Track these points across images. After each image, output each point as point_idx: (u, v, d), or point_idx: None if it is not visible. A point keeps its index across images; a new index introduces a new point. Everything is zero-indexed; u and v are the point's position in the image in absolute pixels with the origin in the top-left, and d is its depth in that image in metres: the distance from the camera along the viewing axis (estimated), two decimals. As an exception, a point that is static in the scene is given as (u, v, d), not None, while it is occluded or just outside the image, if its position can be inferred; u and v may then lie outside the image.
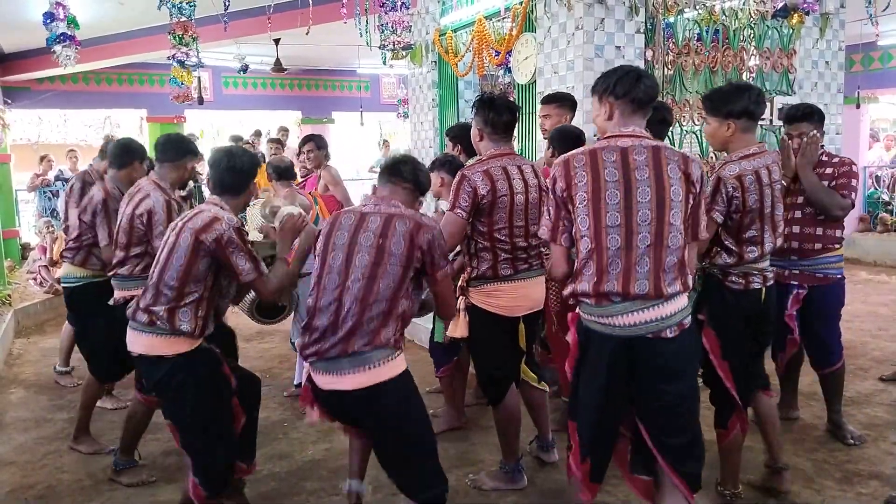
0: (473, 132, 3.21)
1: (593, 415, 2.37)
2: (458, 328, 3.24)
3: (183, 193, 5.08)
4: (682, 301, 2.29)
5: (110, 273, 3.57)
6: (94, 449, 3.85)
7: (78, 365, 5.24)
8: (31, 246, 9.07)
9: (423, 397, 4.49)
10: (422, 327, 4.94)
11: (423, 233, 2.48)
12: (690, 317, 2.33)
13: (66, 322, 4.94)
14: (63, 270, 4.20)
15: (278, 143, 8.00)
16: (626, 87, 2.30)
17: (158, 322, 2.68)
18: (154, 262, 2.81)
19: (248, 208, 3.63)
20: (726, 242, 2.89)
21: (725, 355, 2.92)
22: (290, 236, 2.99)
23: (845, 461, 3.52)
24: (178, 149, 3.55)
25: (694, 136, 5.17)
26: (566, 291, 2.38)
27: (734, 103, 2.85)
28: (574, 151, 2.36)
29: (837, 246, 3.60)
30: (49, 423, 4.32)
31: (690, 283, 2.30)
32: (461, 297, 3.24)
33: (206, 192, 7.58)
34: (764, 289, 2.94)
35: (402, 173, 2.66)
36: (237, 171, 2.83)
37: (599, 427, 2.39)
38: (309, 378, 2.56)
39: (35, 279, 7.50)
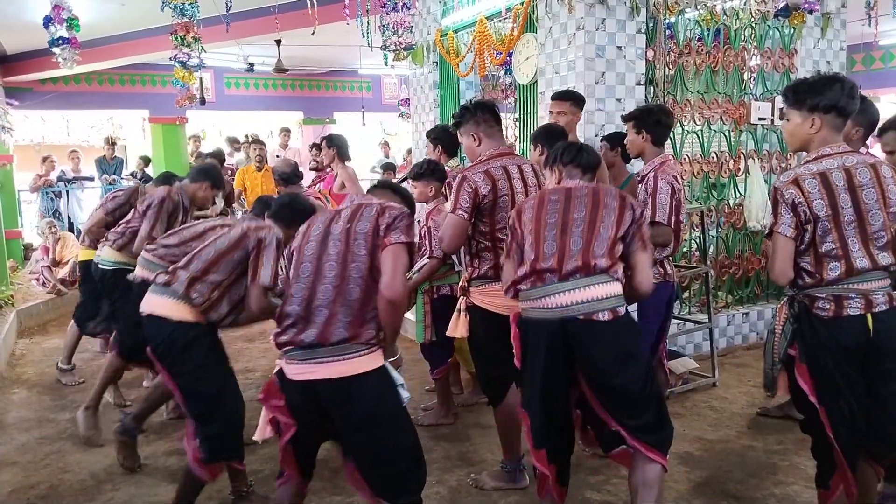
0: (468, 142, 3.20)
1: (538, 403, 2.54)
2: (459, 328, 3.26)
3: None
4: (615, 288, 2.47)
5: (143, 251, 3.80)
6: (91, 433, 3.89)
7: (81, 366, 5.26)
8: (34, 246, 9.07)
9: (422, 395, 4.54)
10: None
11: (389, 210, 2.48)
12: (625, 309, 2.48)
13: (72, 321, 4.96)
14: (101, 252, 4.44)
15: (261, 144, 7.93)
16: (570, 156, 2.73)
17: (175, 284, 2.92)
18: (201, 241, 3.15)
19: None
20: (803, 263, 2.46)
21: (821, 399, 2.47)
22: None
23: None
24: (199, 172, 4.35)
25: (695, 136, 5.17)
26: (505, 287, 2.62)
27: (824, 95, 2.40)
28: (527, 199, 2.78)
29: None
30: (51, 424, 4.32)
31: (618, 271, 2.48)
32: (461, 298, 3.27)
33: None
34: (869, 315, 2.41)
35: (399, 191, 2.85)
36: (295, 211, 3.10)
37: (547, 413, 2.54)
38: (279, 372, 2.47)
39: (37, 280, 7.51)
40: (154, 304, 2.99)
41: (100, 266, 4.42)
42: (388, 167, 8.45)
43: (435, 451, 3.77)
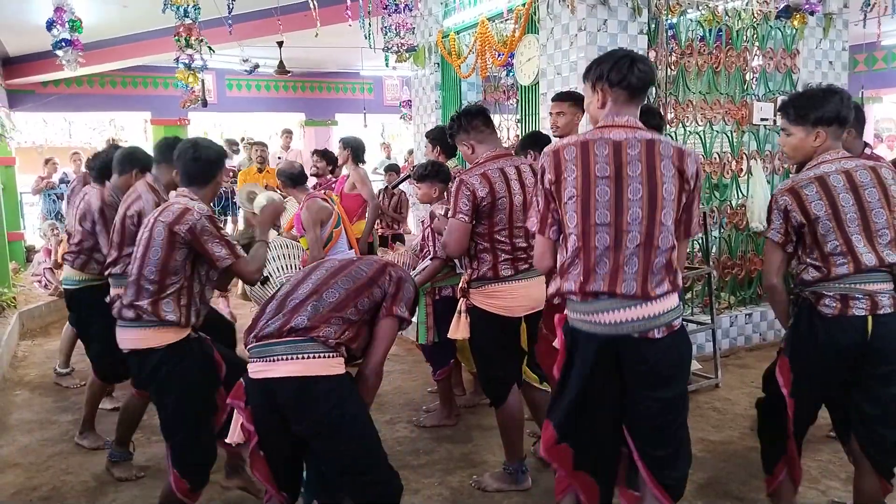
0: (464, 151, 3.21)
1: (574, 407, 2.27)
2: (460, 330, 3.25)
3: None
4: (672, 301, 2.19)
5: (106, 273, 3.62)
6: (98, 444, 3.88)
7: (81, 367, 5.26)
8: (36, 248, 9.09)
9: (424, 397, 4.53)
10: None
11: (398, 269, 2.61)
12: (681, 319, 2.24)
13: (68, 323, 4.96)
14: (64, 273, 4.26)
15: (262, 146, 7.96)
16: (621, 74, 2.19)
17: (144, 315, 2.74)
18: (132, 259, 2.86)
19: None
20: (810, 260, 2.51)
21: (794, 393, 2.55)
22: (269, 220, 3.09)
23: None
24: (170, 150, 3.41)
25: (698, 136, 5.17)
26: (551, 290, 2.29)
27: (825, 108, 2.47)
28: (564, 142, 2.24)
29: None
30: (54, 425, 4.33)
31: (680, 282, 2.22)
32: (461, 299, 3.26)
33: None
34: (870, 318, 2.42)
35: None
36: (203, 161, 2.86)
37: (581, 418, 2.28)
38: (245, 374, 2.46)
39: (40, 282, 7.51)
40: (133, 338, 2.80)
41: (65, 287, 4.22)
42: (392, 168, 8.45)
43: (437, 452, 3.77)
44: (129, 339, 2.82)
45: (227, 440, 2.53)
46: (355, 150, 5.46)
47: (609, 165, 2.15)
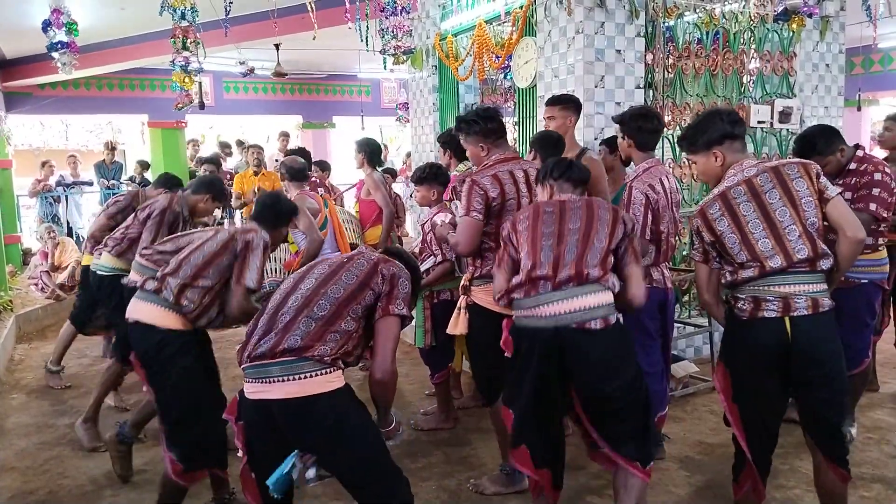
0: (474, 150, 3.26)
1: (524, 403, 2.62)
2: (459, 326, 3.32)
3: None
4: (607, 297, 2.54)
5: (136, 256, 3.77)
6: (94, 445, 3.87)
7: (76, 371, 5.25)
8: (33, 251, 9.07)
9: (422, 400, 4.53)
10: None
11: (393, 266, 2.52)
12: (616, 317, 2.56)
13: (67, 322, 4.95)
14: (101, 259, 4.41)
15: (259, 149, 7.98)
16: (560, 171, 2.83)
17: (164, 291, 2.89)
18: (187, 246, 3.08)
19: None
20: (727, 265, 2.62)
21: (736, 398, 2.62)
22: None
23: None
24: (202, 185, 4.33)
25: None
26: (498, 296, 2.70)
27: (709, 131, 2.65)
28: (520, 211, 2.87)
29: (866, 251, 3.33)
30: (50, 429, 4.31)
31: (614, 283, 2.56)
32: (462, 296, 3.32)
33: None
34: (787, 319, 2.45)
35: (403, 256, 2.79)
36: (279, 212, 3.21)
37: (530, 413, 2.63)
38: (241, 391, 2.43)
39: (36, 285, 7.49)
40: (142, 310, 2.96)
41: (97, 272, 4.40)
42: (387, 171, 8.44)
43: (435, 455, 3.76)
44: (138, 310, 2.97)
45: (236, 442, 2.50)
46: (371, 154, 5.35)
47: (554, 206, 2.73)
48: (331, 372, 2.33)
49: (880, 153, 4.58)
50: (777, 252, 2.46)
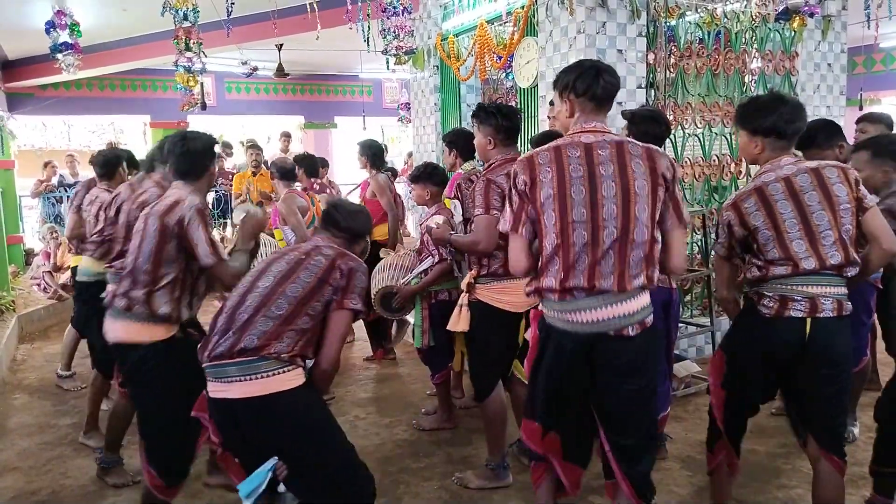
0: (482, 141, 3.26)
1: (553, 403, 2.37)
2: (460, 322, 3.33)
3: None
4: (645, 299, 2.28)
5: (108, 266, 3.60)
6: (102, 444, 3.85)
7: (82, 371, 5.25)
8: (35, 252, 9.08)
9: (423, 399, 4.52)
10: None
11: (349, 261, 2.47)
12: (652, 316, 2.31)
13: (70, 326, 4.95)
14: (84, 263, 4.23)
15: (258, 150, 8.00)
16: (586, 85, 2.28)
17: (136, 306, 2.72)
18: (129, 252, 2.86)
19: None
20: (755, 260, 2.59)
21: (725, 384, 2.67)
22: (250, 231, 3.03)
23: (850, 464, 3.47)
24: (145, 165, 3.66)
25: (697, 139, 5.17)
26: (528, 289, 2.35)
27: (762, 119, 2.54)
28: (538, 149, 2.32)
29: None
30: (53, 429, 4.32)
31: (655, 277, 2.26)
32: (463, 294, 3.32)
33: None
34: (809, 320, 2.45)
35: (336, 223, 2.65)
36: (192, 153, 2.85)
37: (560, 411, 2.38)
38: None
39: (39, 285, 7.50)
40: (119, 329, 2.80)
41: (78, 279, 4.26)
42: (388, 171, 8.44)
43: (437, 454, 3.77)
44: (116, 329, 2.81)
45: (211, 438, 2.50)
46: (373, 156, 5.43)
47: (582, 166, 2.22)
48: (289, 370, 2.32)
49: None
50: (811, 255, 2.45)
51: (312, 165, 5.72)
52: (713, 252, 2.70)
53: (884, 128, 4.14)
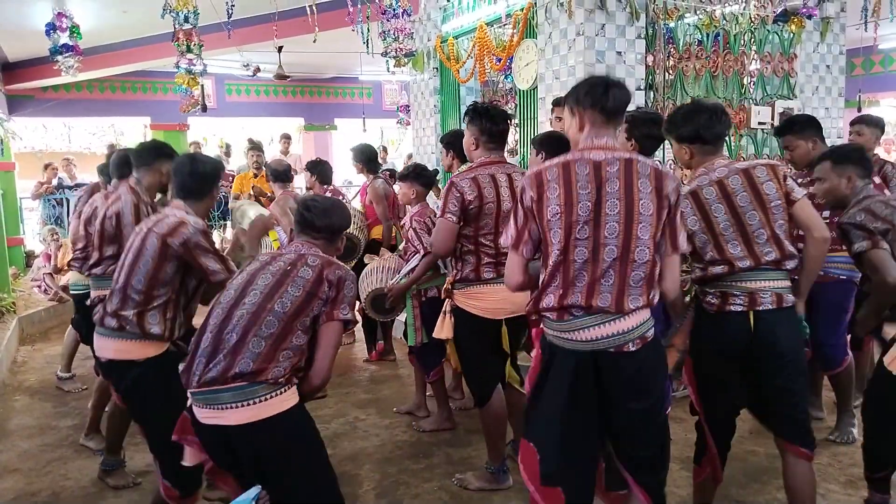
0: (468, 140, 3.27)
1: (556, 429, 2.27)
2: (444, 330, 3.35)
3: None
4: (644, 315, 2.25)
5: (86, 273, 3.63)
6: (102, 446, 3.85)
7: (82, 373, 5.26)
8: (36, 254, 9.09)
9: (427, 402, 4.52)
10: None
11: (337, 269, 2.39)
12: (653, 330, 2.28)
13: (70, 327, 4.96)
14: (72, 278, 4.35)
15: (259, 151, 8.00)
16: (595, 97, 2.25)
17: (128, 326, 2.72)
18: (119, 267, 2.83)
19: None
20: (696, 263, 2.65)
21: (699, 391, 2.71)
22: (258, 235, 3.02)
23: (850, 465, 3.51)
24: (150, 153, 3.53)
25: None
26: (529, 307, 2.33)
27: (685, 128, 2.66)
28: (546, 163, 2.30)
29: (841, 248, 3.40)
30: (53, 431, 4.32)
31: (655, 298, 2.26)
32: (446, 300, 3.35)
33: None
34: (751, 313, 2.53)
35: (312, 224, 2.53)
36: (199, 176, 2.85)
37: (565, 443, 2.26)
38: (189, 408, 2.35)
39: (39, 287, 7.51)
40: (110, 348, 2.79)
41: (73, 292, 4.35)
42: (387, 171, 8.46)
43: (437, 455, 3.77)
44: (108, 348, 2.80)
45: (183, 462, 2.45)
46: (367, 161, 5.53)
47: (590, 183, 2.20)
48: (285, 391, 2.28)
49: (880, 154, 4.58)
50: (746, 255, 2.55)
51: (324, 172, 5.61)
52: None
53: (878, 131, 4.18)
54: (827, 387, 4.04)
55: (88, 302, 3.61)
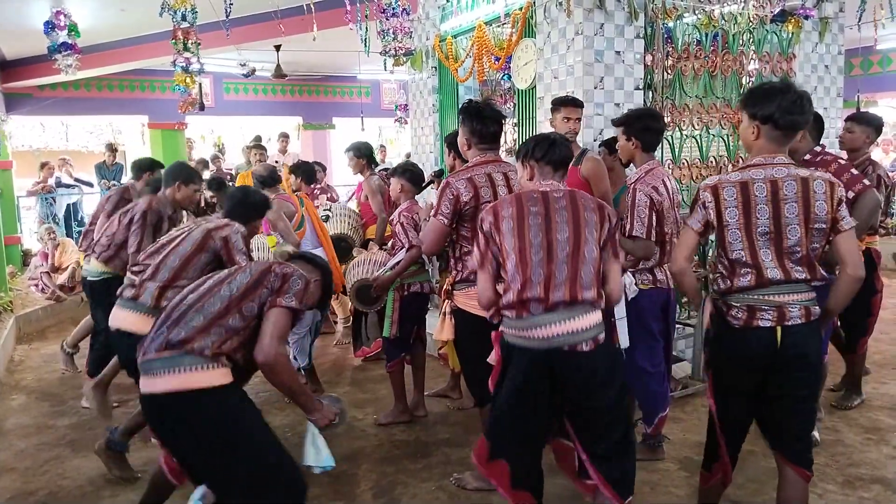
0: (461, 141, 3.29)
1: (510, 421, 2.55)
2: (445, 331, 3.39)
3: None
4: (597, 317, 2.49)
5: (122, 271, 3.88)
6: (100, 409, 3.85)
7: (81, 373, 5.25)
8: (33, 252, 9.06)
9: (428, 401, 4.52)
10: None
11: (287, 268, 2.56)
12: (604, 333, 2.51)
13: (90, 315, 4.98)
14: (89, 265, 4.46)
15: (262, 150, 8.00)
16: (543, 151, 2.63)
17: (143, 297, 2.94)
18: (161, 247, 3.14)
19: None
20: (720, 268, 2.54)
21: (717, 401, 2.64)
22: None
23: (847, 465, 3.51)
24: (180, 172, 4.15)
25: (694, 140, 5.17)
26: (490, 313, 2.60)
27: (763, 105, 2.44)
28: (501, 199, 2.67)
29: None
30: (50, 430, 4.32)
31: (604, 294, 2.52)
32: (445, 301, 3.36)
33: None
34: (779, 329, 2.42)
35: (315, 262, 2.87)
36: (249, 206, 3.38)
37: (518, 435, 2.56)
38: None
39: (36, 285, 7.49)
40: (121, 318, 3.01)
41: (87, 278, 4.45)
42: (385, 171, 8.46)
43: (434, 455, 3.77)
44: (120, 318, 3.03)
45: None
46: (368, 158, 5.72)
47: (538, 203, 2.55)
48: (213, 368, 2.34)
49: (879, 154, 4.59)
50: (777, 266, 2.42)
51: (308, 172, 5.93)
52: (686, 224, 2.59)
53: (872, 130, 4.13)
54: (827, 387, 4.05)
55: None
